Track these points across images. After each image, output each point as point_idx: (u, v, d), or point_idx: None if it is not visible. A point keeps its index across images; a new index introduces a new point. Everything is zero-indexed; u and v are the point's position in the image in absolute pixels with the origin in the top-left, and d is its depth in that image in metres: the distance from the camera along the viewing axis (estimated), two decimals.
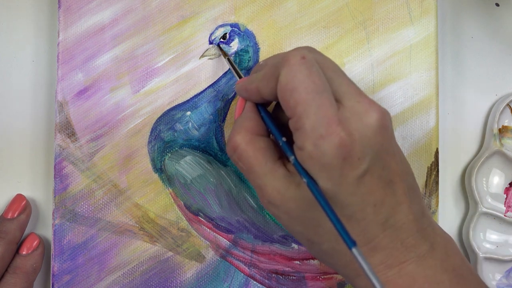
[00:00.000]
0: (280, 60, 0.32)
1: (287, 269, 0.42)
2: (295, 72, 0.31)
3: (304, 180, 0.31)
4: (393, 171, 0.32)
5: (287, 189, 0.32)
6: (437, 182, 0.42)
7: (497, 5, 0.46)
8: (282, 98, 0.32)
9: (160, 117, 0.42)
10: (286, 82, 0.31)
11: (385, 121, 0.31)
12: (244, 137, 0.33)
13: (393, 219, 0.32)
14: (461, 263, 0.34)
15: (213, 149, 0.42)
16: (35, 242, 0.42)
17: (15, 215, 0.42)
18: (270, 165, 0.33)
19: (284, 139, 0.33)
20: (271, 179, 0.33)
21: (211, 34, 0.42)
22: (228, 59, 0.40)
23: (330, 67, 0.33)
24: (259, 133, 0.34)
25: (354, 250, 0.28)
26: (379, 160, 0.31)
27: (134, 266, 0.42)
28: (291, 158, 0.32)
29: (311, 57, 0.32)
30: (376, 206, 0.32)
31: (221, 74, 0.42)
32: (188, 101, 0.42)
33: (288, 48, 0.42)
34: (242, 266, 0.42)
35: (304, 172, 0.31)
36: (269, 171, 0.33)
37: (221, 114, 0.42)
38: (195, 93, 0.42)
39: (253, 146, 0.33)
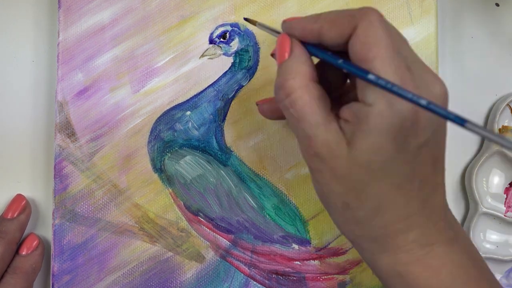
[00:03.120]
0: (358, 13, 0.31)
1: (287, 269, 0.42)
2: (376, 28, 0.30)
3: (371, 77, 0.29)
4: (441, 151, 0.32)
5: (338, 144, 0.31)
6: None
7: (497, 5, 0.46)
8: (357, 49, 0.30)
9: (160, 117, 0.42)
10: (366, 35, 0.30)
11: (447, 95, 0.31)
12: (300, 82, 0.31)
13: (432, 199, 0.32)
14: (479, 256, 0.34)
15: (213, 149, 0.42)
16: (35, 242, 0.42)
17: (15, 215, 0.42)
18: (324, 116, 0.31)
19: (341, 60, 0.31)
20: (324, 131, 0.31)
21: (211, 34, 0.42)
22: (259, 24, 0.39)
23: (400, 34, 0.32)
24: (313, 79, 0.32)
25: (468, 124, 0.26)
26: (436, 135, 0.31)
27: (134, 266, 0.42)
28: (390, 85, 0.29)
29: (386, 19, 0.31)
30: (422, 181, 0.31)
31: (221, 73, 0.42)
32: (188, 100, 0.42)
33: None
34: (242, 266, 0.42)
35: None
36: (322, 121, 0.31)
37: (221, 114, 0.42)
38: (195, 93, 0.42)
39: (309, 93, 0.31)
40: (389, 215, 0.31)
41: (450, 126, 0.45)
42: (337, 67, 0.31)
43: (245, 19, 0.40)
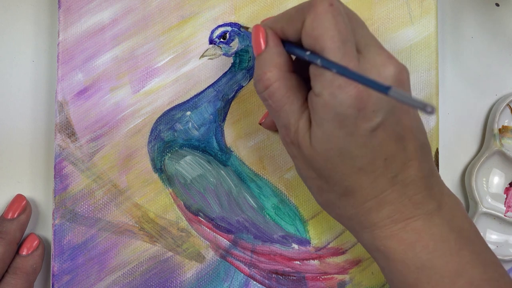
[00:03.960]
0: (307, 5, 0.32)
1: (287, 269, 0.42)
2: (322, 19, 0.31)
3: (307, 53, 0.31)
4: (406, 127, 0.33)
5: (305, 133, 0.32)
6: None
7: (497, 5, 0.46)
8: (306, 43, 0.32)
9: (160, 117, 0.42)
10: (312, 28, 0.31)
11: (401, 76, 0.32)
12: (277, 74, 0.33)
13: (402, 174, 0.33)
14: (467, 225, 0.34)
15: (213, 149, 0.42)
16: (35, 243, 0.42)
17: (15, 215, 0.42)
18: (299, 106, 0.33)
19: (308, 52, 0.32)
20: (297, 119, 0.33)
21: (211, 34, 0.42)
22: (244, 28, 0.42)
23: (354, 17, 0.33)
24: (289, 69, 0.33)
25: (392, 91, 0.27)
26: (393, 115, 0.32)
27: (134, 266, 0.42)
28: (318, 61, 0.31)
29: (338, 5, 0.32)
30: (387, 160, 0.32)
31: (221, 74, 0.42)
32: (188, 101, 0.42)
33: None
34: (242, 266, 0.42)
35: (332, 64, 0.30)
36: (297, 111, 0.33)
37: (221, 114, 0.42)
38: (195, 93, 0.42)
39: (285, 84, 0.33)
40: (358, 195, 0.33)
41: (450, 127, 0.46)
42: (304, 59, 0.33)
43: (241, 26, 0.42)
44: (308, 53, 0.32)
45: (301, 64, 0.35)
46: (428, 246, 0.32)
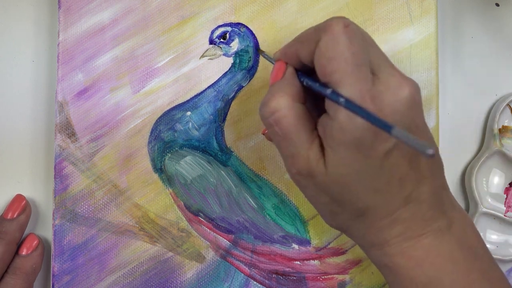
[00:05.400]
0: (323, 26, 0.32)
1: (287, 269, 0.42)
2: (337, 41, 0.31)
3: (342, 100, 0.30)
4: None
5: (318, 162, 0.32)
6: None
7: (497, 5, 0.46)
8: (319, 63, 0.31)
9: (160, 117, 0.42)
10: (326, 49, 0.31)
11: (416, 96, 0.32)
12: (286, 102, 0.32)
13: (415, 193, 0.32)
14: (476, 241, 0.34)
15: (213, 149, 0.42)
16: (35, 243, 0.42)
17: (15, 216, 0.42)
18: (307, 135, 0.32)
19: (330, 90, 0.31)
20: (306, 149, 0.32)
21: (211, 34, 0.42)
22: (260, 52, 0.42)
23: (368, 38, 0.33)
24: (299, 100, 0.33)
25: (394, 131, 0.27)
26: None
27: (134, 266, 0.42)
28: (341, 100, 0.30)
29: (353, 27, 0.31)
30: (401, 180, 0.32)
31: (221, 74, 0.42)
32: (188, 101, 0.42)
33: None
34: (242, 266, 0.42)
35: (357, 107, 0.29)
36: (305, 140, 0.32)
37: (221, 114, 0.42)
38: (195, 93, 0.42)
39: (294, 112, 0.32)
40: (371, 215, 0.33)
41: (450, 127, 0.46)
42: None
43: (258, 49, 0.42)
44: (318, 84, 0.32)
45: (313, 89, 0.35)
46: (436, 263, 0.32)
